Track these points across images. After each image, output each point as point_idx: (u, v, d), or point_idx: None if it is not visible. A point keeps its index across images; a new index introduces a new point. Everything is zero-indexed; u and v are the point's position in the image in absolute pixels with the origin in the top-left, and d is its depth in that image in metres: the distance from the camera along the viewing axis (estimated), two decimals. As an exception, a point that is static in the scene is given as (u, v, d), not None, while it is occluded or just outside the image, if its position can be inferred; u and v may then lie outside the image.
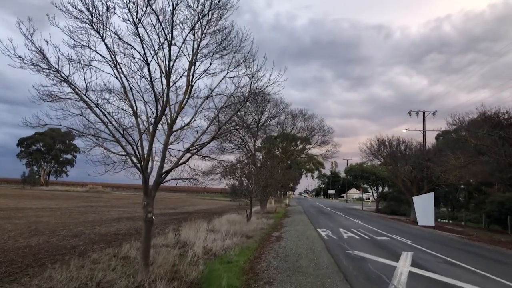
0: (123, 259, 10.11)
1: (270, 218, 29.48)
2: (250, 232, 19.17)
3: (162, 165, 8.24)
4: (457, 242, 17.82)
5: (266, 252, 12.77)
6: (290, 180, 53.89)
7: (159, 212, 36.59)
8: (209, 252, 12.25)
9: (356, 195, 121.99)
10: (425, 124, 36.71)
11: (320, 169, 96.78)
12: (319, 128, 40.48)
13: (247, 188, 24.87)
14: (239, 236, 16.70)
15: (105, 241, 13.97)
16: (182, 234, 14.74)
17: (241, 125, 9.16)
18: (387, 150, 35.85)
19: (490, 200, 27.92)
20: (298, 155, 47.26)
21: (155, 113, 7.72)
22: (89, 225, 19.35)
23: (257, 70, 8.58)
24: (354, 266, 10.13)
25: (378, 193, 54.65)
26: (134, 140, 7.70)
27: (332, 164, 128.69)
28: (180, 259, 10.60)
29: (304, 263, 10.60)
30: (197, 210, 43.44)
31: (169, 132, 8.35)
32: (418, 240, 17.38)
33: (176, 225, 20.01)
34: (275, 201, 55.11)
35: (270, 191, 32.08)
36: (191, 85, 8.35)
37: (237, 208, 33.34)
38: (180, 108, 8.32)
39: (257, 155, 39.28)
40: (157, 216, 30.99)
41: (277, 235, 18.32)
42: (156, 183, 8.20)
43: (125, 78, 7.81)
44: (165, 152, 8.29)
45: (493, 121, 17.90)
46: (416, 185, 33.97)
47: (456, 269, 10.44)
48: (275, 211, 39.47)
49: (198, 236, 14.35)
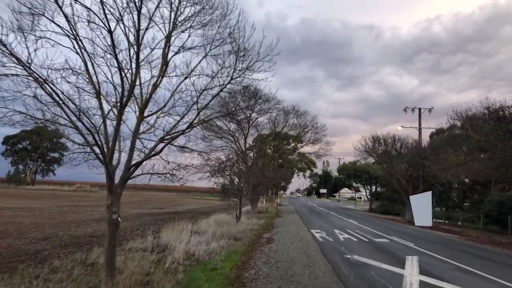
0: (90, 267, 8.78)
1: (261, 218, 28.23)
2: (239, 233, 17.88)
3: (131, 157, 6.92)
4: (461, 244, 16.69)
5: (255, 257, 11.50)
6: (282, 179, 52.74)
7: (146, 212, 35.30)
8: (192, 257, 10.94)
9: (348, 195, 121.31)
10: (421, 122, 35.70)
11: (312, 168, 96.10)
12: (312, 125, 39.31)
13: (237, 187, 23.59)
14: (227, 238, 15.41)
15: (77, 244, 12.60)
16: (164, 236, 13.40)
17: (225, 111, 7.74)
18: (382, 147, 34.73)
19: (489, 200, 26.98)
20: (290, 153, 46.06)
21: (121, 93, 6.38)
22: (66, 226, 17.94)
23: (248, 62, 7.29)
24: (355, 274, 8.88)
25: (371, 192, 53.61)
26: (95, 126, 6.37)
27: (324, 163, 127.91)
28: (156, 266, 9.29)
29: (298, 270, 9.34)
30: (186, 210, 42.12)
31: (139, 118, 7.03)
32: (419, 242, 16.22)
33: (160, 226, 18.69)
34: (267, 201, 53.89)
35: (261, 190, 30.88)
36: (166, 62, 7.03)
37: (227, 208, 32.02)
38: (153, 89, 7.01)
39: (248, 153, 38.02)
40: (143, 216, 29.68)
41: (268, 237, 17.06)
42: (123, 178, 6.87)
43: (86, 53, 6.48)
44: (135, 141, 6.97)
45: (498, 115, 16.87)
46: (411, 184, 32.91)
47: (473, 278, 9.21)
48: (267, 210, 38.24)
49: (181, 238, 13.03)
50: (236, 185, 24.10)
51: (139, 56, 6.51)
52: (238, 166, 24.55)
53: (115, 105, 6.60)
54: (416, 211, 26.56)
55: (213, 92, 7.56)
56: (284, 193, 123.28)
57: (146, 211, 37.19)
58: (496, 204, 25.73)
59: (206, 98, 7.66)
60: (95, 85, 6.53)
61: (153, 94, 7.09)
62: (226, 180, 23.66)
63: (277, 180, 41.34)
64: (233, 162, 24.22)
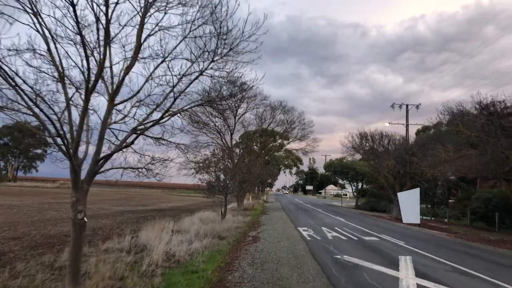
0: (58, 270, 7.98)
1: (247, 215, 27.56)
2: (224, 232, 17.19)
3: (99, 149, 6.15)
4: (452, 243, 16.27)
5: (240, 257, 10.82)
6: (268, 176, 52.13)
7: (129, 209, 34.34)
8: (172, 259, 10.20)
9: (333, 191, 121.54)
10: (408, 118, 35.46)
11: (298, 165, 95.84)
12: (299, 121, 38.75)
13: (223, 184, 22.88)
14: (211, 237, 14.69)
15: (49, 244, 11.75)
16: (143, 235, 12.60)
17: (206, 99, 7.01)
18: (369, 144, 34.33)
19: (476, 197, 26.74)
20: (277, 150, 45.47)
21: (87, 75, 5.60)
22: (41, 224, 17.00)
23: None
24: (347, 277, 8.25)
25: (357, 189, 53.38)
26: (56, 113, 5.60)
27: (310, 160, 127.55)
28: (132, 268, 8.54)
29: (285, 273, 8.68)
30: (170, 207, 41.25)
31: (110, 105, 6.27)
32: (410, 240, 15.73)
33: (142, 224, 17.89)
34: (253, 198, 53.26)
35: (248, 187, 30.26)
36: (140, 43, 6.27)
37: (212, 205, 31.23)
38: (125, 73, 6.24)
39: (234, 150, 37.28)
40: (125, 214, 28.75)
41: (254, 235, 16.41)
42: (90, 172, 6.11)
43: (48, 31, 5.69)
44: (104, 131, 6.20)
45: (489, 110, 16.50)
46: (399, 181, 32.62)
47: (472, 280, 8.64)
48: (253, 207, 37.60)
49: (162, 238, 12.26)
50: (222, 182, 23.39)
51: (108, 33, 5.73)
52: (224, 163, 23.82)
53: (78, 89, 5.80)
54: (404, 208, 26.17)
55: (193, 79, 6.82)
56: (271, 190, 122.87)
57: (129, 208, 36.24)
58: (483, 201, 25.49)
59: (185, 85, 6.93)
60: (58, 67, 5.75)
61: (126, 79, 6.32)
62: (212, 177, 22.94)
63: (263, 177, 40.73)
64: (218, 158, 23.49)
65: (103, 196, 63.06)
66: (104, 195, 64.90)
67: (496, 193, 25.64)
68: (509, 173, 16.78)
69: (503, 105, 16.53)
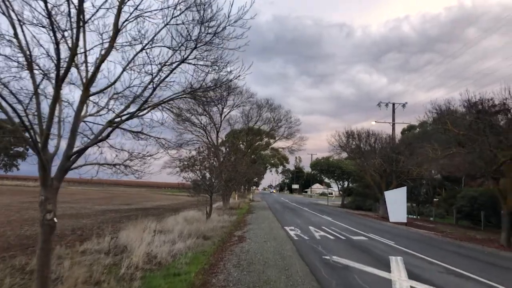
0: (29, 274, 7.43)
1: (232, 214, 27.11)
2: (209, 231, 16.72)
3: (71, 143, 5.63)
4: (440, 242, 16.08)
5: (225, 258, 10.38)
6: (255, 175, 51.73)
7: (112, 208, 33.58)
8: (153, 260, 9.70)
9: (319, 190, 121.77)
10: (395, 117, 35.43)
11: (285, 164, 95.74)
12: (286, 119, 38.40)
13: (209, 183, 22.38)
14: (195, 237, 14.21)
15: (23, 246, 11.15)
16: (123, 236, 12.04)
17: (188, 89, 6.51)
18: (356, 142, 34.15)
19: (462, 195, 26.80)
20: (263, 148, 45.09)
21: (56, 61, 5.09)
22: (17, 225, 16.31)
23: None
24: (337, 280, 7.87)
25: (343, 188, 53.34)
26: (22, 103, 5.07)
27: (296, 159, 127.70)
28: (110, 271, 8.03)
29: (273, 275, 8.27)
30: (155, 206, 40.56)
31: (84, 95, 5.75)
32: (398, 240, 15.47)
33: (125, 223, 17.31)
34: (239, 196, 52.79)
35: (234, 186, 29.87)
36: (117, 28, 5.77)
37: (198, 204, 30.69)
38: (102, 60, 5.73)
39: (221, 148, 36.79)
40: (108, 213, 28.02)
41: (239, 235, 15.98)
42: (61, 169, 5.58)
43: (14, 13, 5.16)
44: (77, 124, 5.69)
45: (477, 108, 16.37)
46: (385, 180, 32.54)
47: (467, 282, 8.35)
48: (239, 206, 37.15)
49: (144, 238, 11.74)
50: (208, 181, 22.89)
51: (81, 14, 5.21)
52: (209, 161, 23.31)
53: (46, 75, 5.28)
54: (390, 207, 26.04)
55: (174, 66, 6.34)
56: (257, 189, 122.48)
57: (112, 208, 35.48)
58: (469, 199, 25.54)
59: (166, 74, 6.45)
60: (25, 52, 5.22)
61: (103, 70, 5.83)
62: (197, 175, 22.43)
63: (250, 175, 40.32)
64: (204, 157, 22.97)
65: (87, 195, 61.87)
66: (88, 194, 63.65)
67: (482, 192, 25.71)
68: (497, 172, 16.65)
69: (491, 103, 16.42)
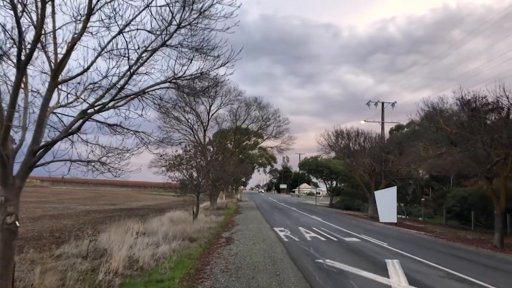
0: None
1: (220, 215, 26.48)
2: (195, 233, 16.08)
3: (38, 136, 4.97)
4: (433, 243, 15.67)
5: (212, 262, 9.76)
6: (242, 174, 51.11)
7: (96, 209, 32.67)
8: (135, 265, 9.03)
9: (307, 190, 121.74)
10: (384, 116, 35.21)
11: (273, 163, 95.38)
12: (275, 118, 37.86)
13: (196, 182, 21.72)
14: (180, 239, 13.57)
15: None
16: (104, 238, 11.33)
17: (171, 78, 5.85)
18: (345, 141, 33.76)
19: (452, 195, 26.57)
20: (251, 148, 44.51)
21: (18, 42, 4.43)
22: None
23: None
24: (333, 286, 7.31)
25: (332, 187, 53.02)
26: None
27: (284, 159, 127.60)
28: (85, 278, 7.36)
29: (263, 281, 7.68)
30: (141, 206, 39.71)
31: (52, 82, 5.09)
32: (391, 241, 15.01)
33: (108, 224, 16.60)
34: (227, 196, 52.11)
35: (221, 185, 29.23)
36: (92, 7, 5.11)
37: (184, 204, 29.97)
38: (72, 44, 5.07)
39: (208, 148, 36.06)
40: (91, 214, 27.12)
41: (227, 237, 15.37)
42: (25, 165, 4.91)
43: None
44: (45, 115, 5.02)
45: (471, 106, 16.04)
46: (374, 179, 32.24)
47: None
48: (226, 206, 36.53)
49: (125, 241, 11.06)
50: (194, 180, 22.23)
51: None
52: (196, 159, 22.65)
53: (3, 54, 4.62)
54: (380, 207, 25.70)
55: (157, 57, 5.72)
56: (244, 189, 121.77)
57: (96, 208, 34.62)
58: (459, 199, 25.32)
59: (148, 63, 5.82)
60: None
61: (72, 50, 5.15)
62: (184, 175, 21.76)
63: (237, 175, 39.67)
64: (190, 155, 22.29)
65: (72, 194, 60.56)
66: (73, 194, 62.32)
67: (472, 192, 25.51)
68: (490, 171, 16.33)
69: (484, 101, 16.12)
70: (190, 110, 34.91)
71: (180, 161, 21.50)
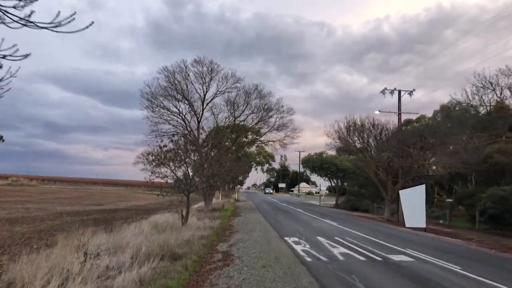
0: None
1: (215, 218, 22.43)
2: (182, 245, 12.02)
3: None
4: (502, 260, 11.68)
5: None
6: (240, 173, 47.12)
7: (75, 210, 28.96)
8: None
9: (306, 189, 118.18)
10: (400, 106, 31.08)
11: (270, 162, 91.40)
12: (277, 108, 33.66)
13: (184, 181, 17.77)
14: (158, 257, 9.48)
15: None
16: (24, 267, 7.18)
17: None
18: (363, 134, 29.43)
19: (488, 195, 22.53)
20: (251, 142, 40.30)
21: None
22: None
23: None
24: None
25: (338, 186, 48.86)
26: None
27: (282, 157, 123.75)
28: None
29: None
30: (128, 207, 36.00)
31: None
32: (451, 258, 10.84)
33: (67, 233, 12.61)
34: (223, 196, 48.04)
35: (217, 182, 25.21)
36: None
37: (170, 206, 25.90)
38: None
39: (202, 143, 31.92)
40: (63, 217, 23.20)
41: (224, 251, 11.35)
42: None
43: None
44: None
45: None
46: (391, 177, 28.24)
47: None
48: (223, 208, 32.44)
49: (65, 267, 7.00)
50: (183, 177, 18.25)
51: None
52: (187, 152, 18.62)
53: None
54: (407, 209, 21.63)
55: None
56: (241, 188, 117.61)
57: (77, 209, 30.91)
58: (499, 199, 21.34)
59: None
60: None
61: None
62: (172, 171, 17.77)
63: (235, 172, 35.59)
64: (179, 146, 18.25)
65: (60, 194, 57.01)
66: (61, 193, 58.68)
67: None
68: None
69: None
70: (182, 98, 30.85)
71: (165, 154, 17.49)
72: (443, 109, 46.21)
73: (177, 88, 30.57)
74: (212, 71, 31.16)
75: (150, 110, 30.10)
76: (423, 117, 52.91)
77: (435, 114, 49.98)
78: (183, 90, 30.62)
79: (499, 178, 29.44)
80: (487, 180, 31.28)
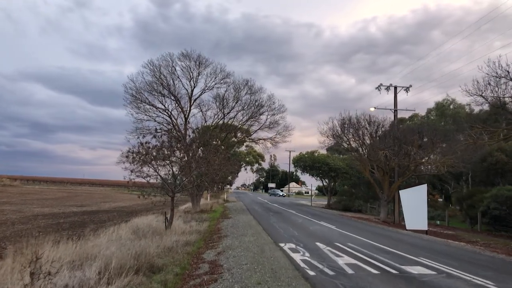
0: None
1: (203, 220, 20.90)
2: (163, 254, 10.47)
3: None
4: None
5: None
6: (230, 172, 45.57)
7: (54, 212, 27.35)
8: None
9: (295, 189, 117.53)
10: (396, 103, 29.85)
11: (260, 161, 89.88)
12: (269, 105, 32.13)
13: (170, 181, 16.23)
14: (132, 271, 7.91)
15: None
16: None
17: None
18: (358, 132, 27.97)
19: (493, 195, 21.35)
20: (241, 141, 38.71)
21: None
22: None
23: None
24: None
25: (330, 186, 47.51)
26: None
27: (271, 157, 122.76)
28: None
29: None
30: (112, 208, 34.30)
31: None
32: (473, 269, 9.47)
33: (29, 241, 10.89)
34: (212, 197, 46.38)
35: (205, 182, 23.74)
36: None
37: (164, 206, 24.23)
38: None
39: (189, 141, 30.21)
40: (38, 219, 21.47)
41: (211, 261, 9.81)
42: None
43: None
44: None
45: None
46: (388, 176, 26.93)
47: None
48: (211, 209, 30.87)
49: None
50: (169, 176, 16.70)
51: None
52: (172, 149, 17.05)
53: None
54: (407, 211, 20.26)
55: None
56: (230, 188, 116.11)
57: (56, 211, 29.15)
58: (505, 199, 20.15)
59: None
60: None
61: None
62: (155, 169, 16.23)
63: (225, 172, 34.03)
64: (161, 143, 16.66)
65: (42, 194, 55.16)
66: (44, 194, 56.72)
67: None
68: None
69: None
70: (168, 93, 29.12)
71: (147, 150, 15.91)
72: (438, 107, 45.37)
73: (163, 83, 28.85)
74: (200, 65, 29.51)
75: (134, 106, 28.34)
76: (415, 115, 52.10)
77: (429, 112, 49.27)
78: (170, 85, 28.90)
79: (498, 177, 28.42)
80: (486, 180, 30.29)
